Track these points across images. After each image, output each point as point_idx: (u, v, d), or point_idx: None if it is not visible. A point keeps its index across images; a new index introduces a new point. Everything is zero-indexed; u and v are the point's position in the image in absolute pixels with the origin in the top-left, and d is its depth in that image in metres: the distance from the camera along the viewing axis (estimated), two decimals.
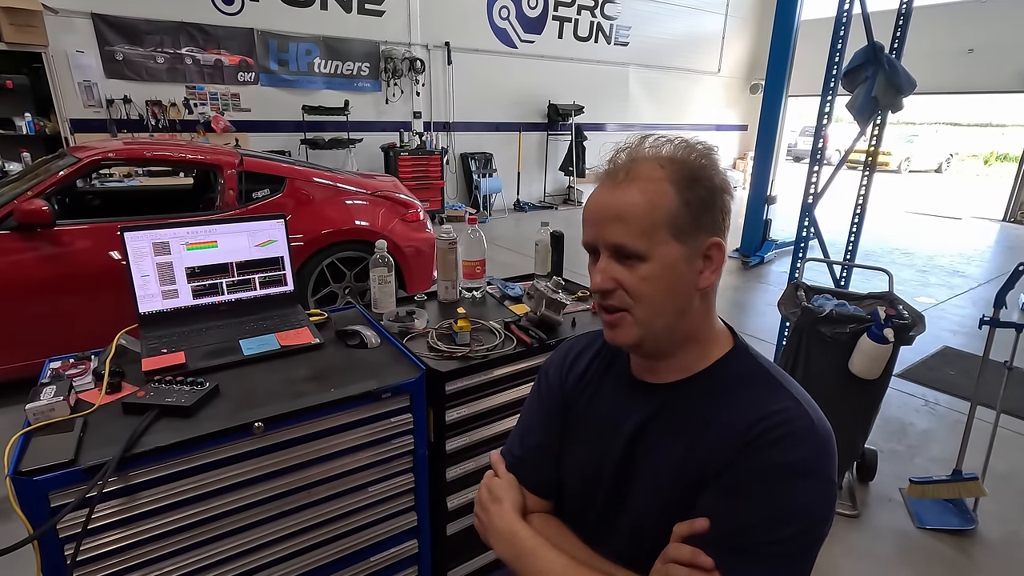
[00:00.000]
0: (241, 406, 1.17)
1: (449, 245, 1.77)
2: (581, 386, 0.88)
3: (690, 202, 0.69)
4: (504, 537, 0.81)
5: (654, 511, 0.75)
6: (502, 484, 0.86)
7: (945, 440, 2.86)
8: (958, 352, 4.00)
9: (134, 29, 5.83)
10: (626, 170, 0.71)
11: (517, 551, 0.78)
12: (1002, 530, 2.26)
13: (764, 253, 6.39)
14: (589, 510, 0.84)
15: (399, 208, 3.88)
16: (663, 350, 0.76)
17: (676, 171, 0.70)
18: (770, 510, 0.65)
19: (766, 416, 0.67)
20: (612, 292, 0.71)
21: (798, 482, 0.65)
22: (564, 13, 8.98)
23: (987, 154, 21.15)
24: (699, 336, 0.76)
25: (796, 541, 0.65)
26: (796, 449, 0.65)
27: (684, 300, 0.72)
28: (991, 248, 7.69)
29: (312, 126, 7.02)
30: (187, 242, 1.52)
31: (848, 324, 2.15)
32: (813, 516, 0.65)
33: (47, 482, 0.95)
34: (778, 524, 0.64)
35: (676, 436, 0.74)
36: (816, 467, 0.65)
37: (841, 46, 3.17)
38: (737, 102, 12.27)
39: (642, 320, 0.71)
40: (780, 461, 0.65)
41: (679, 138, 0.73)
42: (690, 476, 0.71)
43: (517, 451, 0.90)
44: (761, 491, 0.65)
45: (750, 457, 0.66)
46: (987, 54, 9.27)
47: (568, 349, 0.94)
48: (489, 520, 0.84)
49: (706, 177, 0.71)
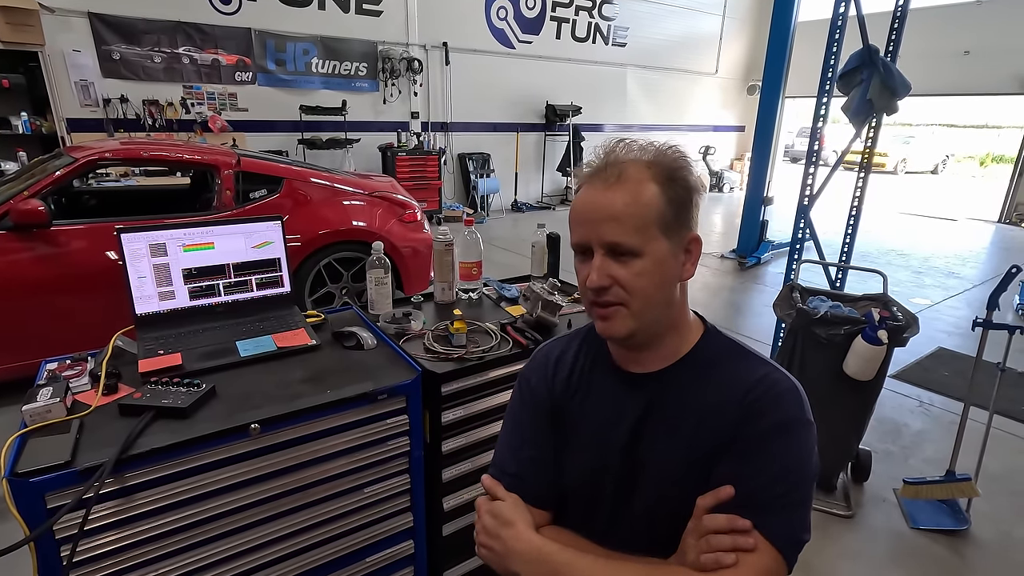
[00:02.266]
0: (237, 408, 1.18)
1: (446, 246, 1.78)
2: (571, 390, 0.88)
3: (672, 200, 0.75)
4: (530, 559, 0.77)
5: (669, 494, 0.79)
6: (508, 507, 0.83)
7: (939, 441, 2.87)
8: (953, 353, 4.02)
9: (131, 28, 5.82)
10: (616, 173, 0.75)
11: (550, 568, 0.76)
12: (995, 530, 2.27)
13: (761, 254, 6.41)
14: (598, 508, 0.85)
15: (396, 209, 3.88)
16: (650, 339, 0.81)
17: (659, 172, 0.75)
18: (782, 462, 0.73)
19: (754, 385, 0.76)
20: (608, 288, 0.75)
21: (796, 433, 0.74)
22: (562, 14, 8.99)
23: (983, 156, 21.22)
24: (679, 324, 0.82)
25: (807, 484, 0.74)
26: (787, 406, 0.75)
27: (671, 291, 0.78)
28: (986, 249, 7.73)
29: (309, 126, 7.02)
30: (184, 243, 1.52)
31: (843, 326, 2.17)
32: (812, 459, 0.74)
33: (44, 483, 0.95)
34: (790, 473, 0.72)
35: (676, 420, 0.79)
36: (804, 416, 0.75)
37: (837, 48, 3.19)
38: (734, 103, 12.30)
39: (637, 312, 0.76)
40: (779, 419, 0.74)
41: (651, 142, 0.79)
42: (700, 453, 0.77)
43: (512, 468, 0.88)
44: (771, 448, 0.73)
45: (752, 422, 0.74)
46: (983, 56, 9.30)
47: (546, 355, 0.94)
48: (505, 547, 0.80)
49: (683, 177, 0.76)
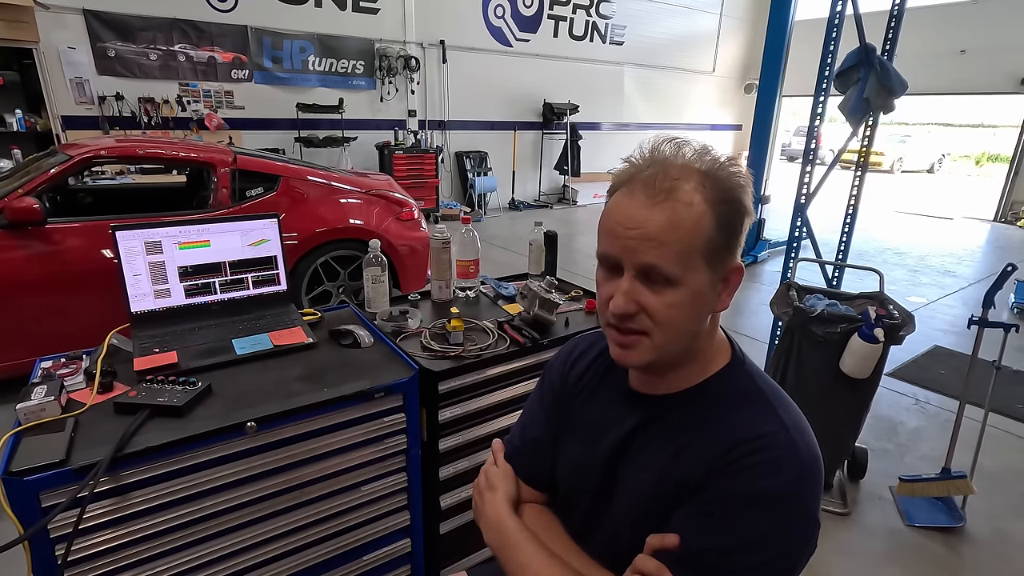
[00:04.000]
0: (234, 406, 1.17)
1: (443, 244, 1.77)
2: (579, 387, 0.89)
3: (723, 226, 0.66)
4: (492, 526, 0.83)
5: (631, 519, 0.75)
6: (498, 473, 0.89)
7: (935, 439, 2.88)
8: (949, 351, 4.03)
9: (126, 26, 5.79)
10: (667, 189, 0.65)
11: (502, 541, 0.81)
12: (990, 527, 2.28)
13: (758, 253, 6.42)
14: (576, 508, 0.86)
15: (393, 207, 3.87)
16: (665, 368, 0.74)
17: (715, 193, 0.65)
18: (740, 536, 0.63)
19: (749, 439, 0.66)
20: (633, 316, 0.67)
21: (771, 510, 0.63)
22: (559, 12, 8.97)
23: (979, 154, 21.29)
24: (701, 355, 0.75)
25: (763, 570, 0.63)
26: (774, 476, 0.64)
27: (701, 324, 0.71)
28: (982, 248, 7.75)
29: (306, 124, 7.00)
30: (179, 241, 1.51)
31: (839, 324, 2.17)
32: (789, 547, 0.64)
33: (38, 482, 0.95)
34: (747, 551, 0.63)
35: (660, 449, 0.74)
36: (793, 496, 0.64)
37: (834, 47, 3.19)
38: (732, 102, 12.30)
39: (659, 345, 0.68)
40: (756, 487, 0.64)
41: (706, 148, 0.69)
42: (668, 489, 0.70)
43: (516, 441, 0.92)
44: (734, 515, 0.64)
45: (727, 479, 0.65)
46: (979, 55, 9.32)
47: (573, 348, 0.94)
48: (482, 507, 0.86)
49: (739, 200, 0.67)
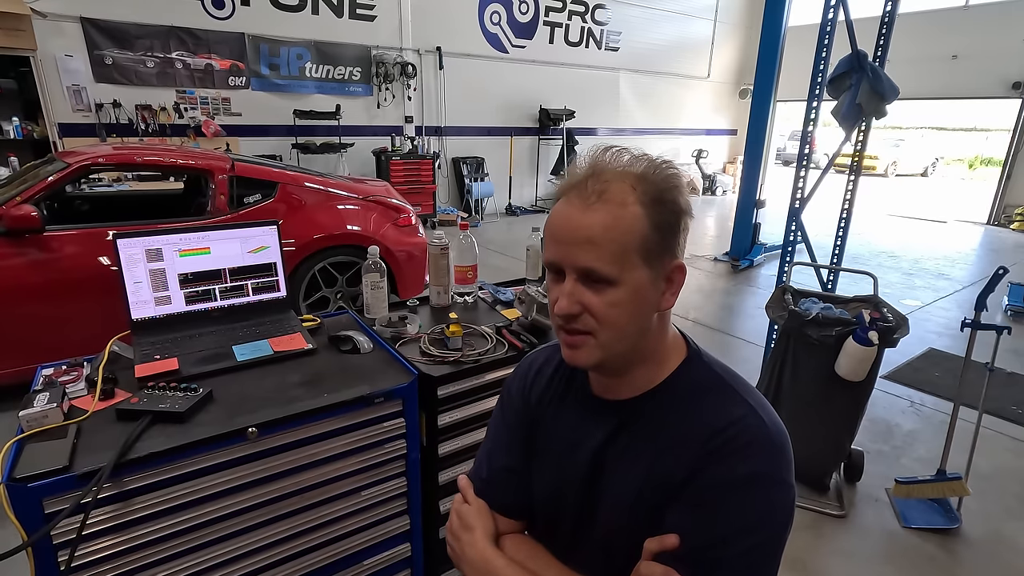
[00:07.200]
0: (234, 412, 1.18)
1: (441, 250, 1.79)
2: (543, 405, 0.87)
3: (659, 225, 0.68)
4: (478, 567, 0.79)
5: (623, 527, 0.75)
6: (472, 511, 0.84)
7: (930, 440, 2.90)
8: (943, 354, 4.06)
9: (123, 33, 5.81)
10: (598, 191, 0.67)
11: None
12: (985, 528, 2.30)
13: (753, 257, 6.45)
14: (559, 528, 0.84)
15: (391, 213, 3.89)
16: (621, 369, 0.75)
17: (646, 193, 0.67)
18: (737, 521, 0.65)
19: (722, 427, 0.68)
20: (577, 316, 0.69)
21: (760, 490, 0.66)
22: (555, 18, 9.03)
23: (972, 158, 21.45)
24: (654, 353, 0.76)
25: (763, 548, 0.66)
26: (755, 458, 0.66)
27: (646, 322, 0.72)
28: (975, 251, 7.80)
29: (303, 130, 7.02)
30: (180, 248, 1.52)
31: (834, 327, 2.19)
32: (776, 522, 0.66)
33: (41, 488, 0.95)
34: (745, 534, 0.65)
35: (638, 452, 0.74)
36: (774, 473, 0.66)
37: (826, 53, 3.23)
38: (726, 107, 12.39)
39: (605, 343, 0.70)
40: (742, 472, 0.66)
41: (644, 154, 0.71)
42: (655, 490, 0.71)
43: (484, 474, 0.88)
44: (727, 503, 0.66)
45: (712, 469, 0.67)
46: (971, 60, 9.41)
47: (529, 365, 0.92)
48: (462, 550, 0.82)
49: (673, 200, 0.69)
